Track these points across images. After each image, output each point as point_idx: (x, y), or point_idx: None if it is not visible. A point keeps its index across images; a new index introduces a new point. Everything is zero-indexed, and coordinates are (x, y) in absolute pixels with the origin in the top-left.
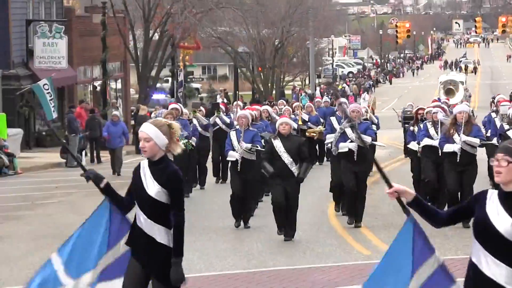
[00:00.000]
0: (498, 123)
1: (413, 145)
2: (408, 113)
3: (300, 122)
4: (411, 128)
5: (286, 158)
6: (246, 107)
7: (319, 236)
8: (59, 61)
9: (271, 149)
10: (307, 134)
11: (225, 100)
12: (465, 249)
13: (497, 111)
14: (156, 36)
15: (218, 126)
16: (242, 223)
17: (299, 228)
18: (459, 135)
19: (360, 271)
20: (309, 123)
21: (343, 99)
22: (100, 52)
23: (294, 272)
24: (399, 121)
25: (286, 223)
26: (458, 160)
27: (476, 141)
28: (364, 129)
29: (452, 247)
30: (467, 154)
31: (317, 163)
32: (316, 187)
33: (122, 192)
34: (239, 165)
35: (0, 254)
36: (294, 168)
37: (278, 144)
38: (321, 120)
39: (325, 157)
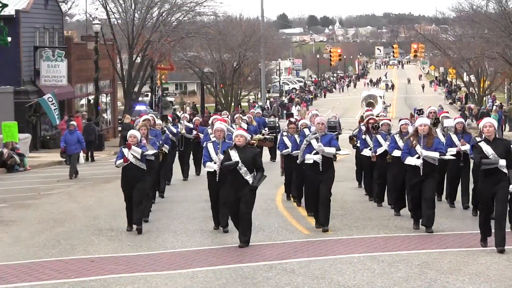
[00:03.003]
0: (440, 135)
1: (366, 152)
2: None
3: None
4: (363, 136)
5: (242, 167)
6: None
7: (269, 219)
8: (61, 80)
9: (228, 160)
10: (248, 142)
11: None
12: (384, 229)
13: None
14: (138, 59)
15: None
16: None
17: (252, 213)
18: (421, 146)
19: (301, 246)
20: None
21: (314, 111)
22: (93, 72)
23: (249, 248)
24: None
25: (241, 227)
26: (421, 173)
27: (436, 155)
28: (329, 140)
29: (374, 227)
30: (428, 164)
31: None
32: (267, 179)
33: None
34: (217, 176)
35: (12, 235)
36: (248, 177)
37: (234, 154)
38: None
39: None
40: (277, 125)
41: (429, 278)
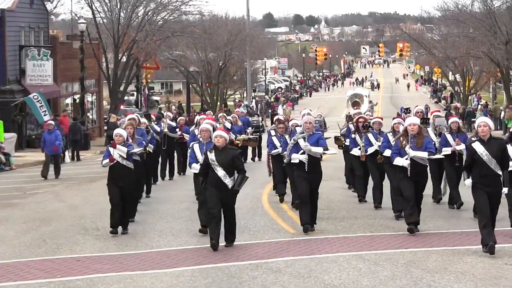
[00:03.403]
0: (432, 134)
1: (355, 152)
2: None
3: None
4: (353, 135)
5: (220, 170)
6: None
7: (255, 218)
8: (46, 79)
9: (206, 162)
10: (233, 142)
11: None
12: (370, 228)
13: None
14: (124, 59)
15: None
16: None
17: (238, 212)
18: (410, 147)
19: (287, 245)
20: (230, 132)
21: (306, 110)
22: (79, 71)
23: (235, 247)
24: None
25: (225, 229)
26: (409, 175)
27: (424, 155)
28: (316, 140)
29: (360, 226)
30: (417, 164)
31: (257, 159)
32: (252, 179)
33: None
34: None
35: None
36: (227, 181)
37: (212, 157)
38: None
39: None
40: (260, 124)
41: (415, 277)
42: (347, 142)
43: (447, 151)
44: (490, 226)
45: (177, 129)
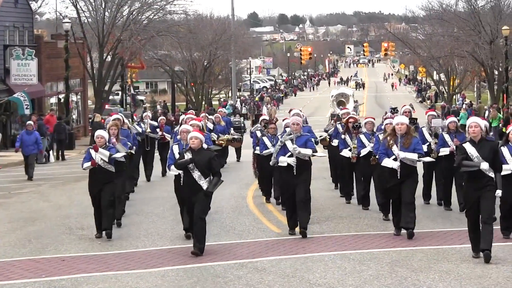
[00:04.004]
0: (427, 135)
1: (345, 153)
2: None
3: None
4: (342, 136)
5: (195, 172)
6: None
7: (240, 218)
8: (31, 78)
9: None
10: (216, 142)
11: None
12: (355, 228)
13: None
14: (109, 58)
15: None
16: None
17: (223, 212)
18: (398, 147)
19: (272, 245)
20: (212, 132)
21: (296, 110)
22: (64, 71)
23: (220, 247)
24: None
25: (195, 233)
26: (399, 176)
27: (414, 156)
28: (305, 142)
29: (345, 226)
30: (406, 166)
31: (236, 159)
32: (237, 179)
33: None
34: (181, 178)
35: None
36: (202, 182)
37: (187, 158)
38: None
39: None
40: (242, 125)
41: (400, 276)
42: (335, 143)
43: (445, 151)
44: (477, 232)
45: (158, 129)
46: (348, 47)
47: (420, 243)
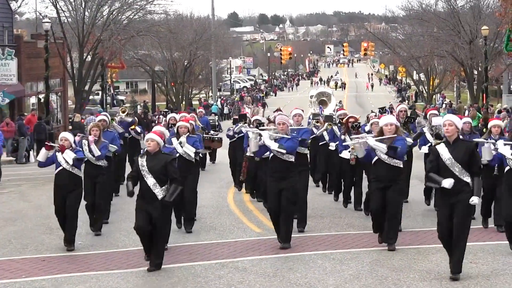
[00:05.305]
0: (428, 135)
1: (345, 154)
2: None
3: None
4: (342, 136)
5: (149, 178)
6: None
7: (221, 218)
8: (11, 78)
9: (137, 168)
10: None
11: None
12: (336, 227)
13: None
14: (89, 58)
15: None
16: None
17: (204, 211)
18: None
19: (253, 245)
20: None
21: (297, 110)
22: (44, 70)
23: (201, 246)
24: None
25: (152, 250)
26: (384, 176)
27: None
28: (285, 142)
29: (326, 225)
30: (391, 168)
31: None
32: (217, 179)
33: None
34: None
35: None
36: (157, 190)
37: (143, 163)
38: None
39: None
40: (216, 124)
41: (380, 275)
42: (333, 147)
43: (425, 149)
44: (448, 249)
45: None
46: (328, 47)
47: (400, 242)
